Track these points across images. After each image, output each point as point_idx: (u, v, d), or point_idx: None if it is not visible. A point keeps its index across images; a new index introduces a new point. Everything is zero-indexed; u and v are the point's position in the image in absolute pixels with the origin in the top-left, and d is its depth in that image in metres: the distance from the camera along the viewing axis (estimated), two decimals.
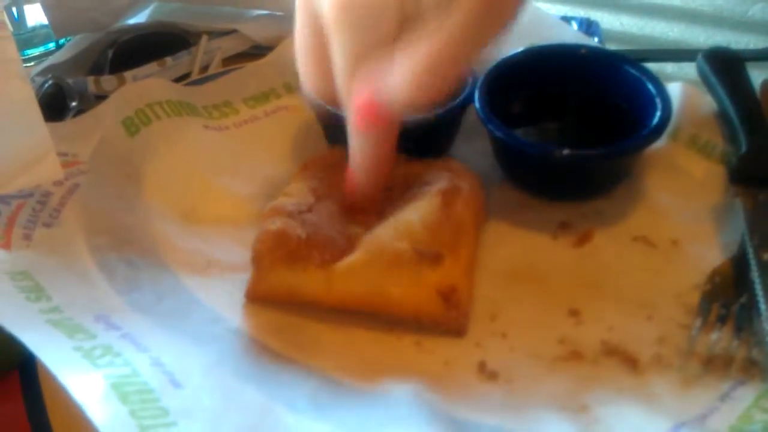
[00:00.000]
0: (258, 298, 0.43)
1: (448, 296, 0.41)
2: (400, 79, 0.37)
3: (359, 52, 0.38)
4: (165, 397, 0.35)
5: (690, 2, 0.73)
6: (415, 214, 0.43)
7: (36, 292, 0.40)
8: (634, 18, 0.72)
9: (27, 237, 0.44)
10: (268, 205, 0.45)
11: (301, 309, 0.43)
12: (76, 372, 0.35)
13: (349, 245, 0.42)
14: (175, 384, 0.36)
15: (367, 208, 0.44)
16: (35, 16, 0.69)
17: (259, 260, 0.43)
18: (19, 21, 0.69)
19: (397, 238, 0.41)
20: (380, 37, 0.37)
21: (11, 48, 0.45)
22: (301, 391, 0.38)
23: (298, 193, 0.45)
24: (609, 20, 0.70)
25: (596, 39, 0.63)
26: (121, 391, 0.34)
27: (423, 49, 0.36)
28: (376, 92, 0.38)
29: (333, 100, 0.41)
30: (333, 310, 0.42)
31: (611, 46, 0.60)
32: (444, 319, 0.41)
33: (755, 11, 0.71)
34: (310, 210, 0.44)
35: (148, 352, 0.38)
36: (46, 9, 0.61)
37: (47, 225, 0.45)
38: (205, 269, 0.46)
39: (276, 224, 0.43)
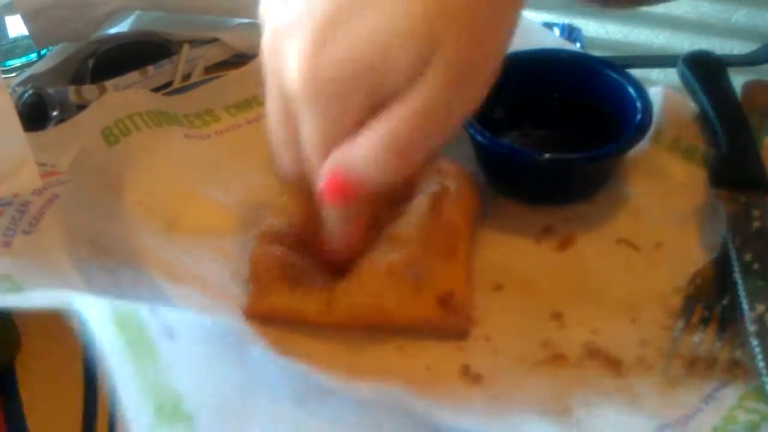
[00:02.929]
0: (257, 316, 0.43)
1: (447, 300, 0.41)
2: (367, 156, 0.36)
3: (329, 131, 0.37)
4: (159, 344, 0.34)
5: (674, 9, 0.73)
6: (406, 223, 0.43)
7: (18, 291, 0.40)
8: (618, 26, 0.72)
9: (6, 244, 0.43)
10: (265, 223, 0.44)
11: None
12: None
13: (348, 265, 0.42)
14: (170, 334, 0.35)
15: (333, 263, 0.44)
16: (17, 27, 0.69)
17: (258, 281, 0.42)
18: (0, 32, 0.69)
19: (390, 251, 0.41)
20: (350, 116, 0.37)
21: None
22: (285, 387, 0.37)
23: (288, 212, 0.45)
24: (594, 28, 0.71)
25: (578, 45, 0.64)
26: (122, 321, 0.33)
27: (389, 126, 0.36)
28: (345, 169, 0.37)
29: (306, 180, 0.40)
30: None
31: (596, 54, 0.60)
32: (444, 324, 0.41)
33: (738, 17, 0.71)
34: (304, 231, 0.44)
35: None
36: (26, 19, 0.60)
37: (27, 232, 0.44)
38: (186, 279, 0.45)
39: (274, 247, 0.43)
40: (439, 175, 0.45)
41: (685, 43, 0.67)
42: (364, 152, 0.36)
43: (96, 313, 0.34)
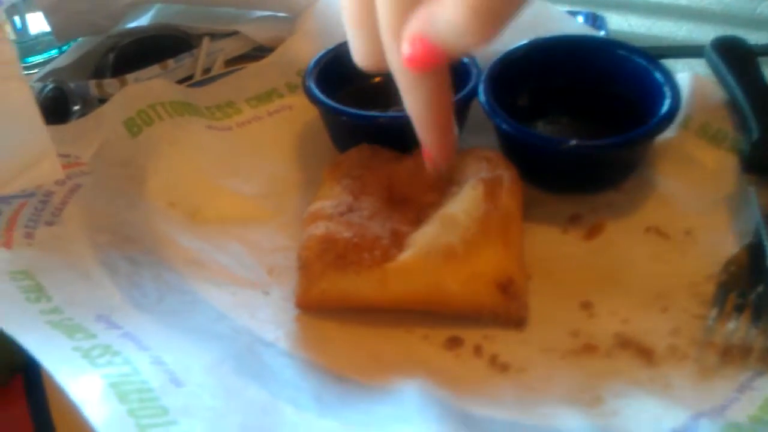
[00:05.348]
0: (309, 306, 0.42)
1: (507, 287, 0.40)
2: (453, 18, 0.33)
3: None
4: (165, 396, 0.34)
5: (697, 1, 0.72)
6: (460, 207, 0.42)
7: (36, 292, 0.40)
8: (641, 18, 0.71)
9: (29, 236, 0.43)
10: (307, 210, 0.44)
11: None
12: (74, 372, 0.34)
13: (396, 242, 0.41)
14: (176, 382, 0.35)
15: (443, 166, 0.42)
16: (38, 24, 0.69)
17: (307, 267, 0.41)
18: (21, 29, 0.69)
19: (447, 233, 0.41)
20: None
21: (8, 50, 0.44)
22: (306, 389, 0.37)
23: (334, 195, 0.44)
24: (617, 21, 0.69)
25: (602, 33, 0.63)
26: (119, 390, 0.34)
27: None
28: (428, 33, 0.34)
29: (379, 58, 0.38)
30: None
31: None
32: (504, 311, 0.41)
33: (763, 8, 0.70)
34: (350, 210, 0.43)
35: (149, 350, 0.37)
36: (47, 14, 0.60)
37: (49, 223, 0.44)
38: (209, 268, 0.45)
39: (320, 228, 0.41)
40: (488, 164, 0.45)
41: (709, 35, 0.65)
42: (449, 14, 0.33)
43: (89, 389, 0.34)
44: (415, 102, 0.39)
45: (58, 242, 0.43)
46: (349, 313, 0.42)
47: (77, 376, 0.34)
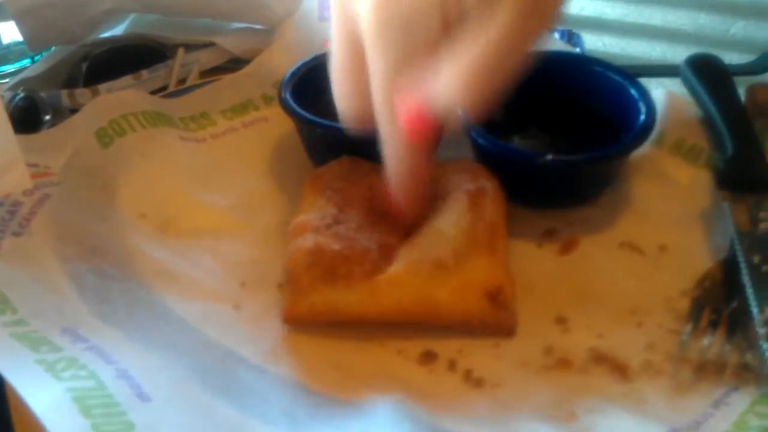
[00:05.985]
0: (296, 320, 0.41)
1: (496, 296, 0.40)
2: (449, 85, 0.34)
3: (401, 63, 0.36)
4: (131, 411, 0.33)
5: (671, 21, 0.73)
6: (447, 219, 0.42)
7: (1, 304, 0.39)
8: (616, 38, 0.72)
9: None
10: (293, 223, 0.43)
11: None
12: (36, 386, 0.34)
13: (384, 254, 0.41)
14: (143, 397, 0.34)
15: (409, 219, 0.43)
16: (10, 33, 0.68)
17: (296, 281, 0.40)
18: None
19: (436, 245, 0.40)
20: (422, 45, 0.35)
21: None
22: (276, 404, 0.37)
23: (318, 207, 0.43)
24: (591, 40, 0.70)
25: (578, 50, 0.63)
26: (83, 404, 0.33)
27: (471, 53, 0.34)
28: (427, 102, 0.35)
29: (368, 119, 0.39)
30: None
31: None
32: (494, 320, 0.40)
33: (736, 29, 0.71)
34: (336, 222, 0.42)
35: (116, 364, 0.36)
36: (19, 21, 0.60)
37: (16, 234, 0.44)
38: (180, 281, 0.44)
39: (308, 241, 0.41)
40: (471, 175, 0.45)
41: (683, 55, 0.66)
42: (445, 81, 0.34)
43: (51, 403, 0.33)
44: (398, 166, 0.40)
45: (24, 253, 0.43)
46: (322, 327, 0.41)
47: (39, 390, 0.33)
